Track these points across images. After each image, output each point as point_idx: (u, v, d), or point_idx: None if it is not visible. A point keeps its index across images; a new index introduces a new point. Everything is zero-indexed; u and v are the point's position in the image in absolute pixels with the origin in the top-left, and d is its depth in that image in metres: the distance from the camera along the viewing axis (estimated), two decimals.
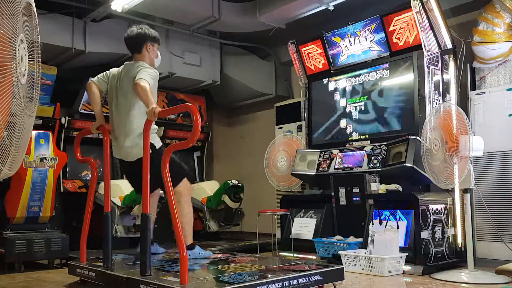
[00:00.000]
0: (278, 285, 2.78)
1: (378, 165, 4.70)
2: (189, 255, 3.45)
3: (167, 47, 6.28)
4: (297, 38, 5.88)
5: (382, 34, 5.00)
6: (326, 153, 5.32)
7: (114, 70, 3.75)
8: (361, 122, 5.25)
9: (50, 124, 5.75)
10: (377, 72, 5.15)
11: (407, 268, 4.09)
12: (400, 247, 4.14)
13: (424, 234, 4.20)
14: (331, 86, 5.61)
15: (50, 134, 4.88)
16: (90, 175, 5.91)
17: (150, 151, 3.19)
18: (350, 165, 5.01)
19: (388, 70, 5.04)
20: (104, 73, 3.77)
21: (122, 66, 3.73)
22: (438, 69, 4.62)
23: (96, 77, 3.75)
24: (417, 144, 4.31)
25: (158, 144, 3.58)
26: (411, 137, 4.50)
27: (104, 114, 3.70)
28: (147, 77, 3.35)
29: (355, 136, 5.28)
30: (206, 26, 6.14)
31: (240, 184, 6.05)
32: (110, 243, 3.48)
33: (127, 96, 3.53)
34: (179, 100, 7.02)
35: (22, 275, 4.30)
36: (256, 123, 7.83)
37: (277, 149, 5.90)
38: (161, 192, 5.02)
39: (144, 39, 3.64)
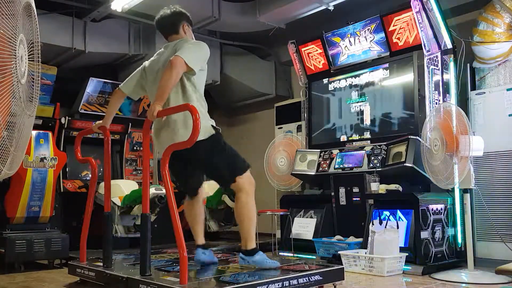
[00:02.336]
0: (278, 285, 2.78)
1: (378, 165, 4.70)
2: (247, 262, 3.12)
3: None
4: (297, 38, 5.88)
5: (382, 34, 5.00)
6: (326, 153, 5.32)
7: (153, 61, 3.28)
8: (361, 122, 5.25)
9: (50, 124, 5.74)
10: (377, 72, 5.14)
11: (407, 268, 4.09)
12: (400, 247, 4.14)
13: (424, 234, 4.20)
14: (331, 86, 5.61)
15: (50, 134, 4.88)
16: (90, 175, 5.91)
17: (210, 135, 3.08)
18: (350, 165, 5.01)
19: (388, 70, 5.04)
20: (136, 70, 3.39)
21: (159, 52, 3.30)
22: (438, 69, 4.62)
23: (124, 81, 3.41)
24: (417, 144, 4.31)
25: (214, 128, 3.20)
26: (411, 137, 4.50)
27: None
28: (190, 54, 2.94)
29: (355, 136, 5.28)
30: (206, 26, 6.14)
31: None
32: (110, 243, 3.47)
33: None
34: None
35: (22, 275, 4.29)
36: (256, 123, 7.83)
37: (277, 149, 5.91)
38: (158, 192, 5.05)
39: (181, 18, 3.32)
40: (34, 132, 4.61)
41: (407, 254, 4.12)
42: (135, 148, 6.64)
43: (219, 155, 3.18)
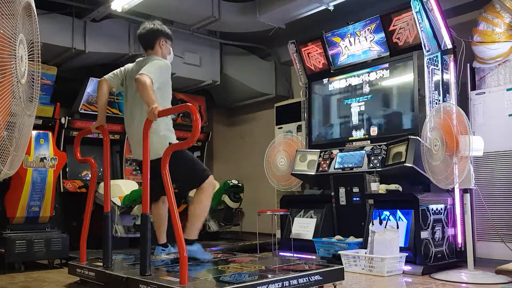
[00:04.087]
0: (278, 285, 2.78)
1: (378, 165, 4.70)
2: (188, 250, 3.35)
3: None
4: (297, 38, 5.87)
5: (382, 34, 4.99)
6: (326, 153, 5.32)
7: (130, 66, 3.67)
8: (361, 122, 5.25)
9: (50, 124, 5.75)
10: (377, 72, 5.14)
11: (407, 268, 4.09)
12: (400, 247, 4.14)
13: (424, 234, 4.20)
14: (331, 86, 5.61)
15: (50, 134, 4.88)
16: (90, 175, 5.91)
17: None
18: (350, 165, 5.01)
19: (388, 70, 5.04)
20: (120, 68, 3.70)
21: (135, 62, 3.65)
22: (438, 69, 4.62)
23: (110, 73, 3.67)
24: (417, 144, 4.31)
25: (174, 141, 3.48)
26: (411, 137, 4.50)
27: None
28: (152, 71, 3.23)
29: (355, 136, 5.28)
30: (206, 26, 6.14)
31: (240, 184, 6.05)
32: (110, 243, 3.47)
33: (136, 94, 3.33)
34: (179, 100, 7.01)
35: (22, 275, 4.30)
36: (256, 123, 7.83)
37: (277, 149, 5.90)
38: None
39: (157, 35, 3.57)
40: (34, 132, 4.61)
41: (407, 254, 4.12)
42: None
43: (177, 169, 3.27)
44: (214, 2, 5.76)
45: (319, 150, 5.43)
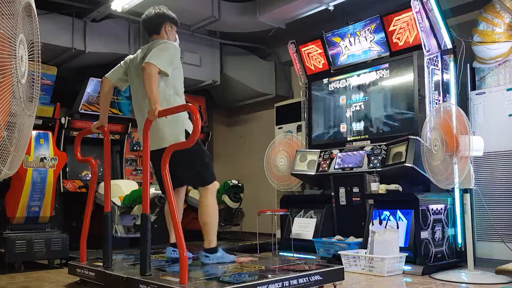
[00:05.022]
0: (278, 285, 2.78)
1: (378, 165, 4.70)
2: (212, 259, 3.36)
3: None
4: (297, 38, 5.87)
5: (382, 34, 4.99)
6: (326, 153, 5.32)
7: (131, 57, 3.57)
8: (361, 122, 5.25)
9: (50, 124, 5.75)
10: (377, 72, 5.14)
11: (407, 268, 4.09)
12: (400, 247, 4.14)
13: (424, 234, 4.20)
14: (331, 86, 5.61)
15: (50, 134, 4.88)
16: (90, 175, 5.91)
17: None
18: (350, 165, 5.00)
19: (388, 70, 5.04)
20: (120, 62, 3.60)
21: (140, 50, 3.54)
22: (438, 69, 4.62)
23: (110, 71, 3.59)
24: (417, 144, 4.31)
25: (190, 128, 3.28)
26: (411, 137, 4.50)
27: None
28: (159, 58, 3.12)
29: (355, 136, 5.28)
30: (206, 26, 6.14)
31: (240, 184, 6.04)
32: (110, 243, 3.47)
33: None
34: None
35: (22, 275, 4.29)
36: (256, 123, 7.83)
37: (277, 149, 5.90)
38: (158, 192, 5.05)
39: (163, 19, 3.47)
40: (34, 132, 4.61)
41: (407, 254, 4.12)
42: (135, 148, 6.64)
43: (190, 159, 3.31)
44: (214, 2, 5.76)
45: (319, 150, 5.43)
